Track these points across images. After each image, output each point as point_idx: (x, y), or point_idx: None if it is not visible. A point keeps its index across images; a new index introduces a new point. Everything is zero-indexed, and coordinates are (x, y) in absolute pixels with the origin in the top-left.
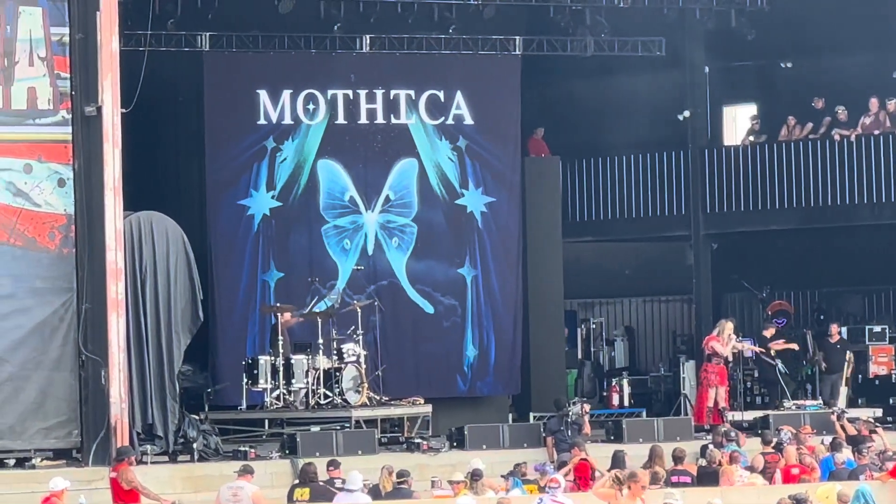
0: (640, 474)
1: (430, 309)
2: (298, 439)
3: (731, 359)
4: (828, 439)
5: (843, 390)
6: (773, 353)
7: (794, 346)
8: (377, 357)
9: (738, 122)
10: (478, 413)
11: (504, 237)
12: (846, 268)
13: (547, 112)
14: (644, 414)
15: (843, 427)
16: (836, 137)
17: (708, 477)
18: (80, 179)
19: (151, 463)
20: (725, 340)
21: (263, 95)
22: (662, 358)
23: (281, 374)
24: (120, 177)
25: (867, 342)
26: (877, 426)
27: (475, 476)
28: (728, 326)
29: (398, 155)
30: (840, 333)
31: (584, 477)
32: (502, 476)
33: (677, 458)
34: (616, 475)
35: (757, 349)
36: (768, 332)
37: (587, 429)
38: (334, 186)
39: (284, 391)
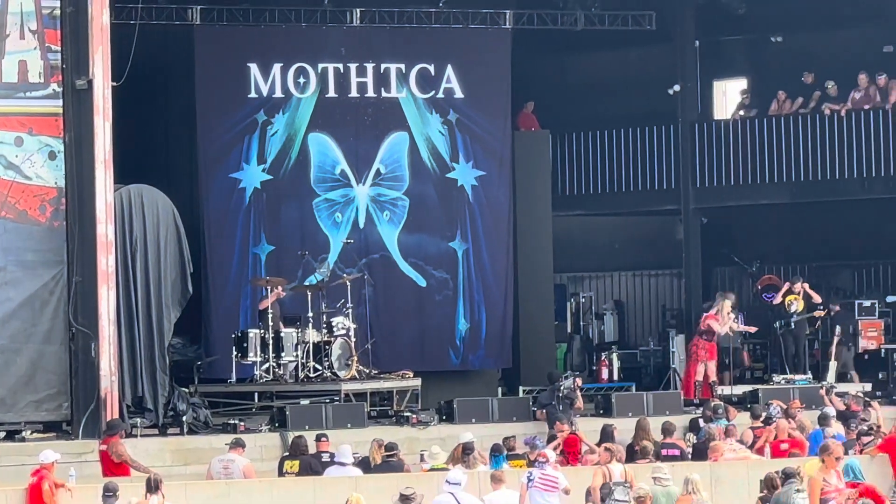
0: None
1: (422, 282)
2: (288, 412)
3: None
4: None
5: (833, 365)
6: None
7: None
8: (371, 331)
9: (729, 96)
10: (467, 386)
11: (494, 211)
12: (836, 242)
13: (537, 86)
14: (633, 388)
15: (832, 402)
16: (826, 112)
17: (703, 452)
18: (70, 152)
19: (141, 436)
20: (724, 319)
21: (254, 69)
22: (652, 332)
23: (270, 347)
24: (110, 150)
25: (856, 317)
26: (870, 401)
27: (467, 450)
28: (726, 304)
29: (389, 128)
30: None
31: (573, 451)
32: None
33: (666, 430)
34: (606, 447)
35: (751, 329)
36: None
37: (579, 403)
38: (325, 160)
39: (274, 364)
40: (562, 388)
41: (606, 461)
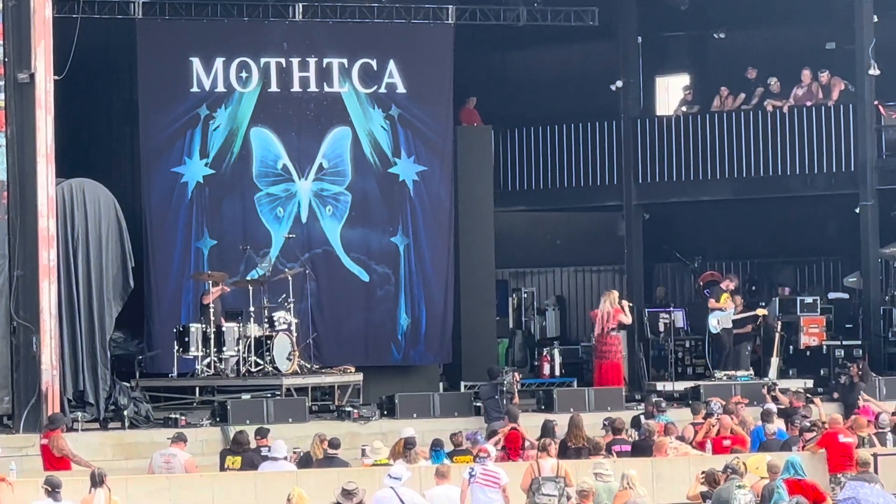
0: None
1: (365, 277)
2: (229, 407)
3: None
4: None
5: (775, 361)
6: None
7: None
8: (313, 325)
9: (671, 92)
10: (409, 382)
11: (436, 206)
12: (778, 239)
13: (479, 81)
14: (575, 384)
15: (775, 398)
16: (769, 108)
17: (644, 449)
18: (12, 146)
19: (82, 430)
20: (625, 309)
21: (196, 63)
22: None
23: (212, 341)
24: (52, 144)
25: (798, 313)
26: (813, 397)
27: (408, 445)
28: (615, 295)
29: (331, 123)
30: None
31: (514, 447)
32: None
33: (617, 429)
34: (542, 443)
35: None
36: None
37: (516, 399)
38: (267, 154)
39: (215, 359)
40: (504, 383)
41: (533, 457)
